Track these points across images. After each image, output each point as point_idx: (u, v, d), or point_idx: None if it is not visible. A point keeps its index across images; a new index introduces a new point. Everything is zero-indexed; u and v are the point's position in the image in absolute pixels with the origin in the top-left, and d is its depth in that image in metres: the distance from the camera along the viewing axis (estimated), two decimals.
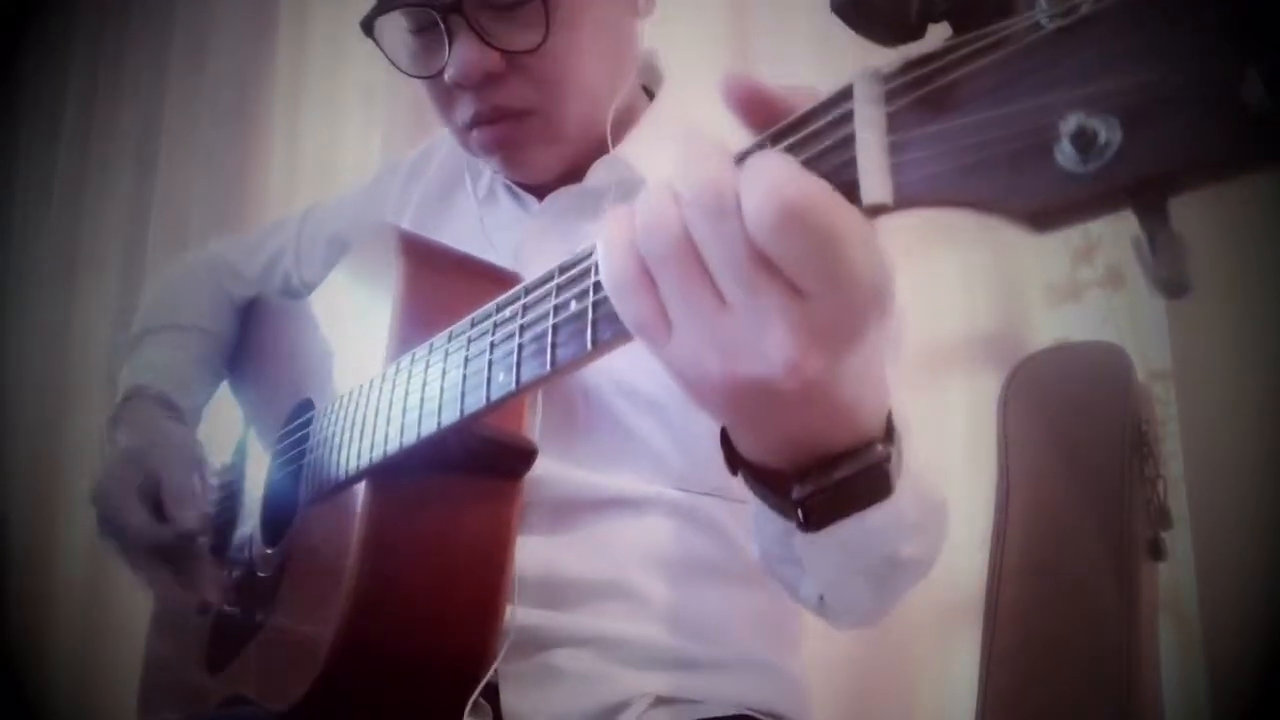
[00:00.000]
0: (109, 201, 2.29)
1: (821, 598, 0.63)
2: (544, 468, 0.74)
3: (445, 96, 0.82)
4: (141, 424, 0.94)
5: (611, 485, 0.79)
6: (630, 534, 0.78)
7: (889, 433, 0.51)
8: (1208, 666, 1.09)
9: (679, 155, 0.42)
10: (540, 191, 0.89)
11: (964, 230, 1.24)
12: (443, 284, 0.76)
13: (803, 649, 0.87)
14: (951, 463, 1.22)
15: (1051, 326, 1.23)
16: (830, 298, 0.39)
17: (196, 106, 2.11)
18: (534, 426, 0.75)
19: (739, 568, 0.80)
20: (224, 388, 1.07)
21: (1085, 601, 0.84)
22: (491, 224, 0.90)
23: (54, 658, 2.09)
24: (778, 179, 0.39)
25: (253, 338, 1.07)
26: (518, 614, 0.73)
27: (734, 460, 0.53)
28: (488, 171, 0.93)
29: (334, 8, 2.01)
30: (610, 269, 0.44)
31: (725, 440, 0.53)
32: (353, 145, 1.91)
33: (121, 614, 1.93)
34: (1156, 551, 0.87)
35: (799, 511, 0.51)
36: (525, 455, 0.73)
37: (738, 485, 0.55)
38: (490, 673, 0.70)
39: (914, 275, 1.04)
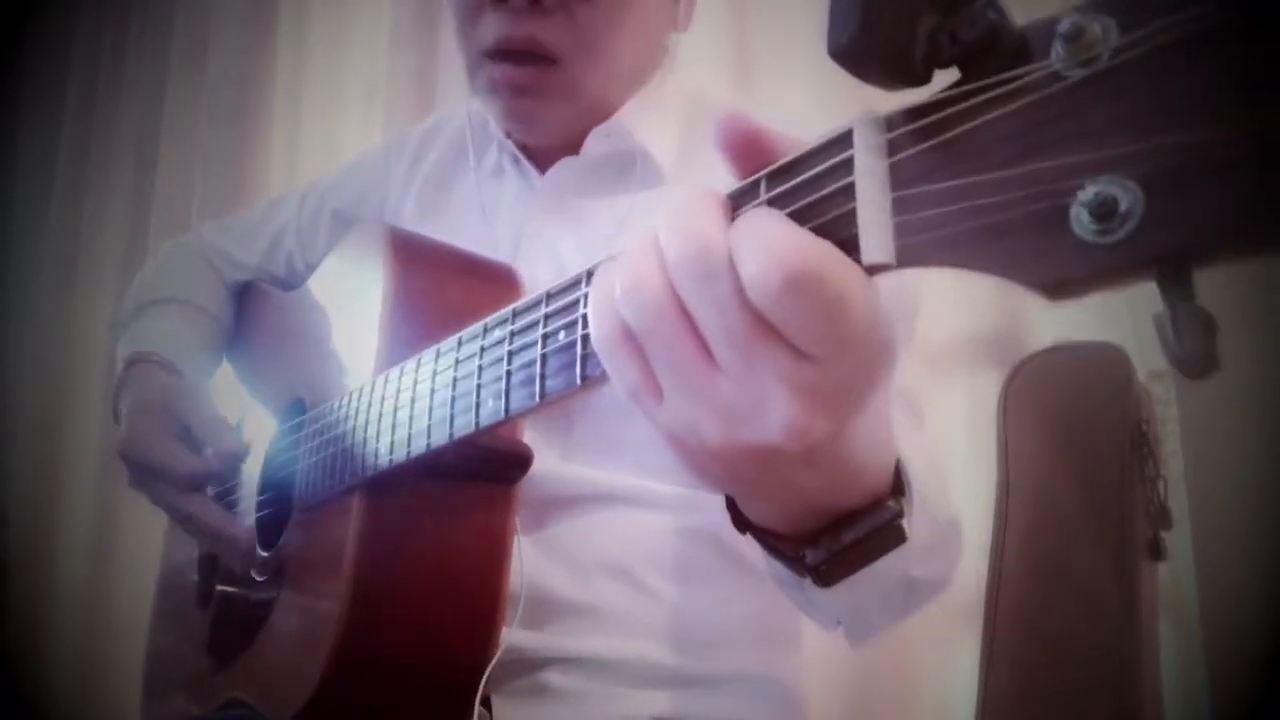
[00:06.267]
0: (109, 201, 2.29)
1: (838, 622, 0.64)
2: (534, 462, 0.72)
3: (475, 7, 0.79)
4: (152, 382, 0.92)
5: (602, 481, 0.77)
6: (621, 537, 0.77)
7: (898, 485, 0.48)
8: (1208, 666, 1.09)
9: (666, 204, 0.39)
10: (543, 162, 0.88)
11: None
12: (434, 285, 0.75)
13: (803, 648, 0.86)
14: (952, 462, 1.22)
15: (1051, 326, 1.23)
16: (835, 361, 0.37)
17: (196, 106, 2.10)
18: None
19: (735, 570, 0.79)
20: (219, 377, 1.05)
21: (1085, 602, 0.84)
22: (494, 202, 0.89)
23: (54, 657, 2.09)
24: (780, 244, 0.35)
25: (246, 326, 1.06)
26: (505, 634, 0.71)
27: (741, 522, 0.51)
28: (494, 146, 0.91)
29: (334, 8, 2.00)
30: (594, 333, 0.41)
31: (731, 505, 0.51)
32: (353, 145, 1.91)
33: (121, 614, 1.93)
34: (1156, 551, 0.87)
35: (811, 572, 0.49)
36: (520, 461, 0.71)
37: None
38: (482, 682, 0.69)
39: (913, 275, 1.03)
